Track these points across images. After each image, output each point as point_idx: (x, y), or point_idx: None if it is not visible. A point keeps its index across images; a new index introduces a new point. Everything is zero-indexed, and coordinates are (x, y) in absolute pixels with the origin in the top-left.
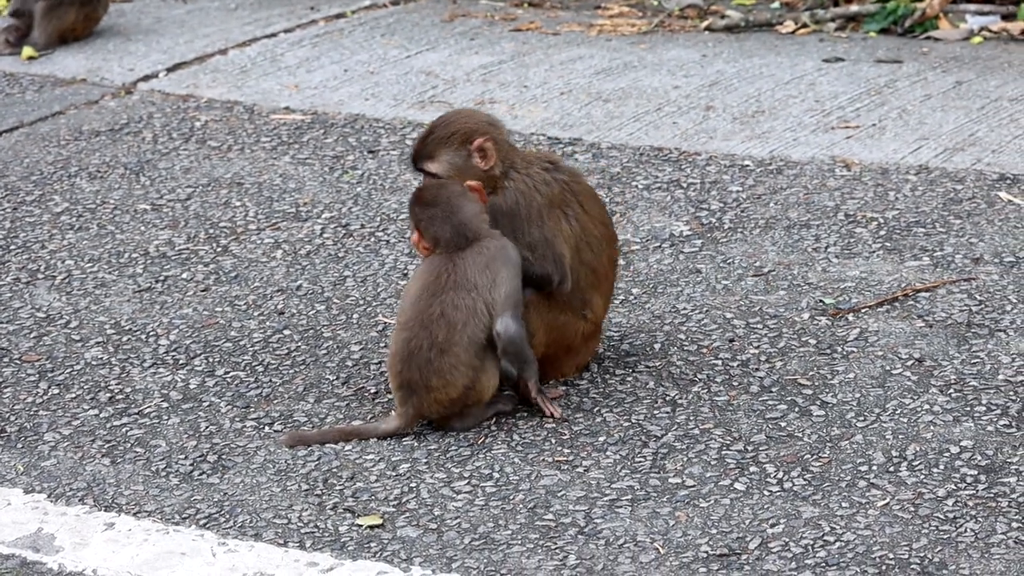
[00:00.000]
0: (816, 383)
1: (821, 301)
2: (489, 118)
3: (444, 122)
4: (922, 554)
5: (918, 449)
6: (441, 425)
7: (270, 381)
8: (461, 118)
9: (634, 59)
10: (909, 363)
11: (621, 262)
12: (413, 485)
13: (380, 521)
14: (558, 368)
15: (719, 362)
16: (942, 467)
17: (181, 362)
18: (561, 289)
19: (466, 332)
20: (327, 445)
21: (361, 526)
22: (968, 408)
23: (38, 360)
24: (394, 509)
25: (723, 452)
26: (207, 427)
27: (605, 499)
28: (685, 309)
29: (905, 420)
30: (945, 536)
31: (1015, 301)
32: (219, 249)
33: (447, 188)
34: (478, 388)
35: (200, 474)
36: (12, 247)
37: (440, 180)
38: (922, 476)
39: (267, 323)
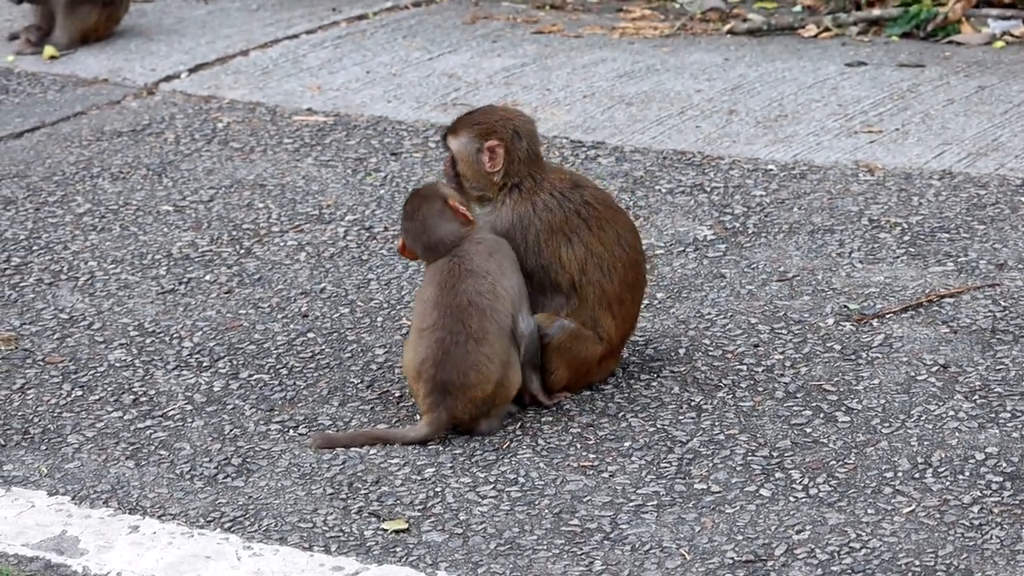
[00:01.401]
0: (841, 389)
1: (845, 306)
2: (519, 127)
3: (483, 110)
4: (948, 561)
5: (943, 456)
6: (468, 428)
7: (294, 384)
8: (496, 113)
9: (656, 62)
10: (934, 369)
11: (646, 266)
12: (438, 490)
13: (405, 525)
14: (570, 389)
15: (744, 367)
16: (967, 474)
17: (205, 364)
18: (567, 310)
19: (496, 318)
20: (352, 449)
21: (386, 530)
22: (993, 414)
23: (61, 362)
24: (419, 513)
25: (748, 458)
26: (231, 430)
27: (631, 504)
28: (710, 314)
29: (930, 426)
30: (971, 543)
31: None
32: (242, 251)
33: (427, 204)
34: (507, 384)
35: (225, 477)
36: (35, 248)
37: (426, 192)
38: (947, 483)
39: (291, 326)
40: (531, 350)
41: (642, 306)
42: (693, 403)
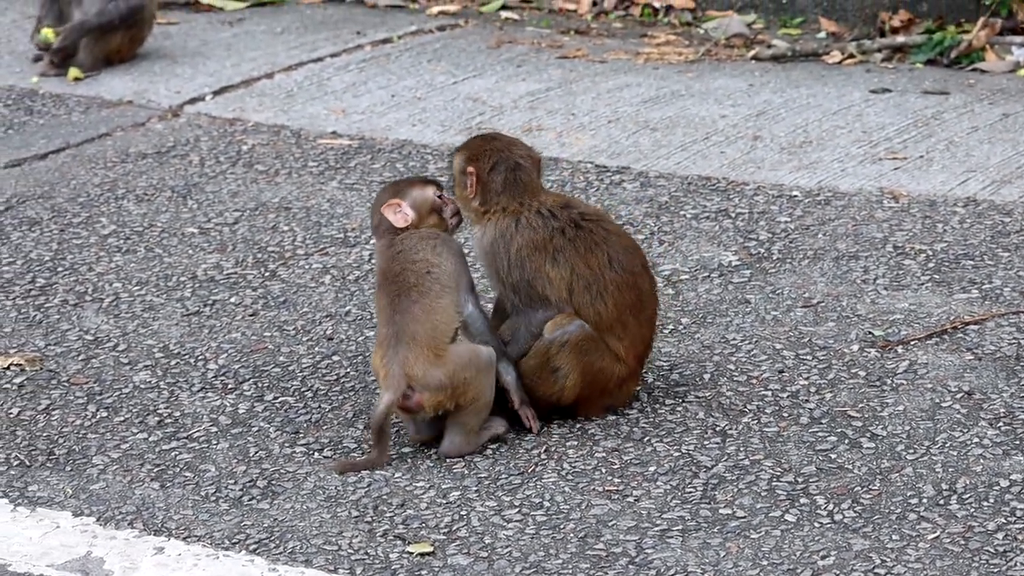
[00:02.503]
0: (866, 415)
1: (870, 333)
2: (503, 159)
3: (485, 136)
4: None
5: (968, 482)
6: (428, 426)
7: (319, 407)
8: (492, 142)
9: (681, 88)
10: (958, 396)
11: (670, 291)
12: (463, 513)
13: (431, 549)
14: (588, 408)
15: (769, 393)
16: (992, 500)
17: (230, 387)
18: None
19: (430, 278)
20: (377, 472)
21: (412, 554)
22: (1018, 441)
23: (86, 383)
24: (444, 537)
25: (773, 483)
26: (256, 452)
27: (656, 529)
28: (735, 339)
29: (955, 453)
30: (995, 570)
31: None
32: (267, 274)
33: (378, 196)
34: (459, 361)
35: (250, 499)
36: (60, 269)
37: (385, 187)
38: (972, 509)
39: (316, 348)
40: (484, 337)
41: (657, 326)
42: (718, 428)
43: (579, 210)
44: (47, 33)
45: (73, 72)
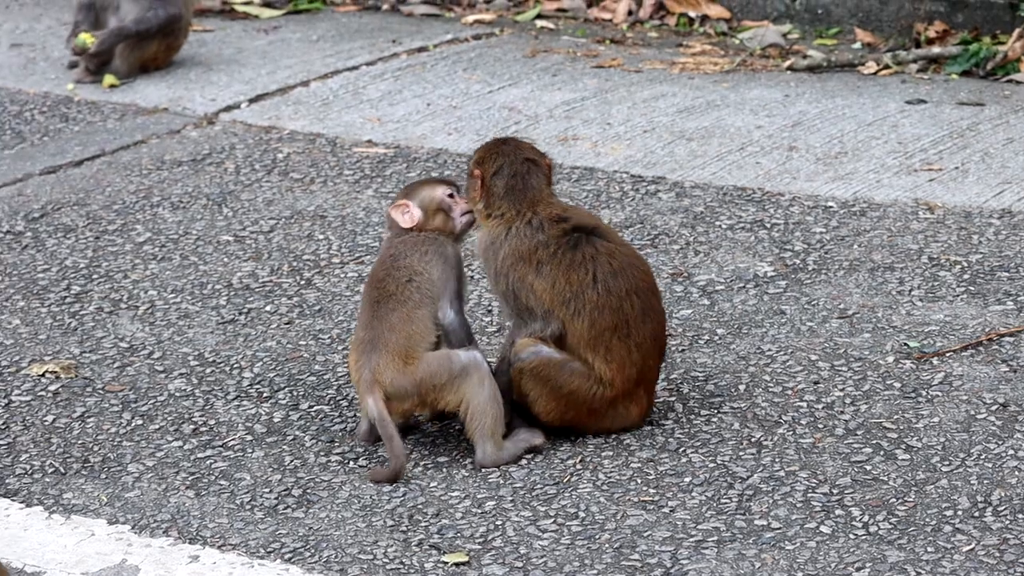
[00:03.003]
0: (901, 427)
1: (905, 344)
2: (509, 164)
3: (499, 140)
4: None
5: (1003, 494)
6: (403, 415)
7: (354, 416)
8: (501, 146)
9: (717, 98)
10: (994, 408)
11: (705, 302)
12: (499, 523)
13: (466, 558)
14: (584, 428)
15: (804, 404)
16: None
17: (265, 395)
18: (547, 334)
19: (411, 287)
20: (413, 481)
21: (447, 563)
22: None
23: (121, 390)
24: (480, 547)
25: (808, 495)
26: (292, 461)
27: (691, 540)
28: (770, 350)
29: (990, 465)
30: None
31: None
32: (302, 282)
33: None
34: (427, 361)
35: (285, 508)
36: (95, 276)
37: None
38: (1007, 521)
39: None
40: (458, 339)
41: (659, 350)
42: (753, 439)
43: (573, 223)
44: (84, 37)
45: (108, 79)
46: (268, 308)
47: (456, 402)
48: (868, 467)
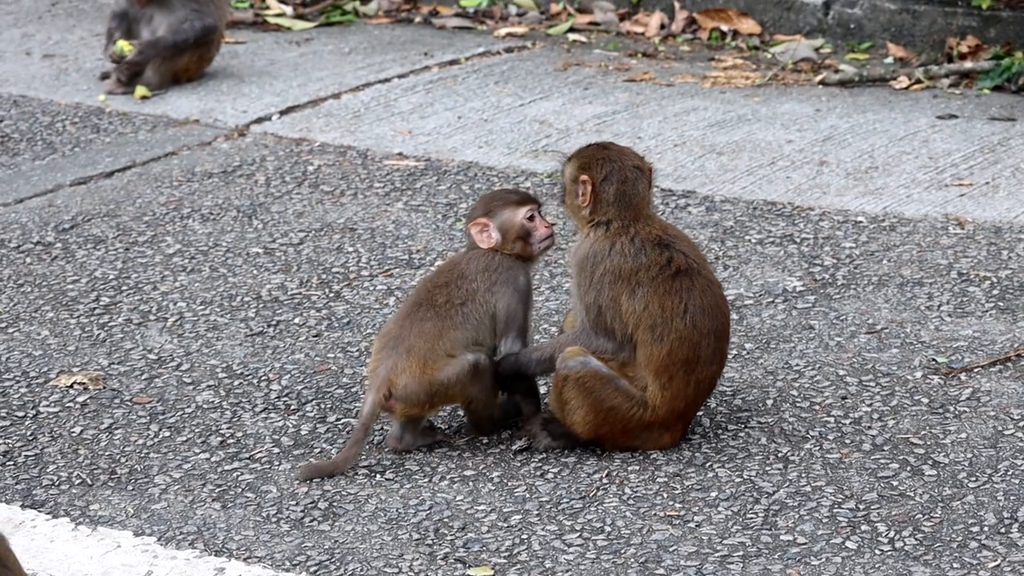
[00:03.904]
0: (928, 442)
1: (934, 360)
2: (618, 170)
3: (600, 145)
4: None
5: None
6: (409, 416)
7: (381, 429)
8: (607, 151)
9: (748, 112)
10: (1021, 424)
11: (734, 316)
12: (524, 537)
13: (491, 572)
14: (610, 445)
15: (831, 419)
16: None
17: (293, 407)
18: (617, 359)
19: (463, 310)
20: (438, 495)
21: None
22: None
23: (149, 402)
24: (505, 560)
25: (835, 510)
26: None
27: (716, 555)
28: (798, 365)
29: (1017, 481)
30: None
31: None
32: (331, 295)
33: (473, 208)
34: (447, 384)
35: (311, 521)
36: (124, 288)
37: (481, 198)
38: None
39: None
40: (507, 370)
41: (705, 392)
42: (780, 454)
43: (676, 253)
44: (123, 45)
45: (140, 90)
46: (297, 320)
47: (463, 400)
48: (895, 483)
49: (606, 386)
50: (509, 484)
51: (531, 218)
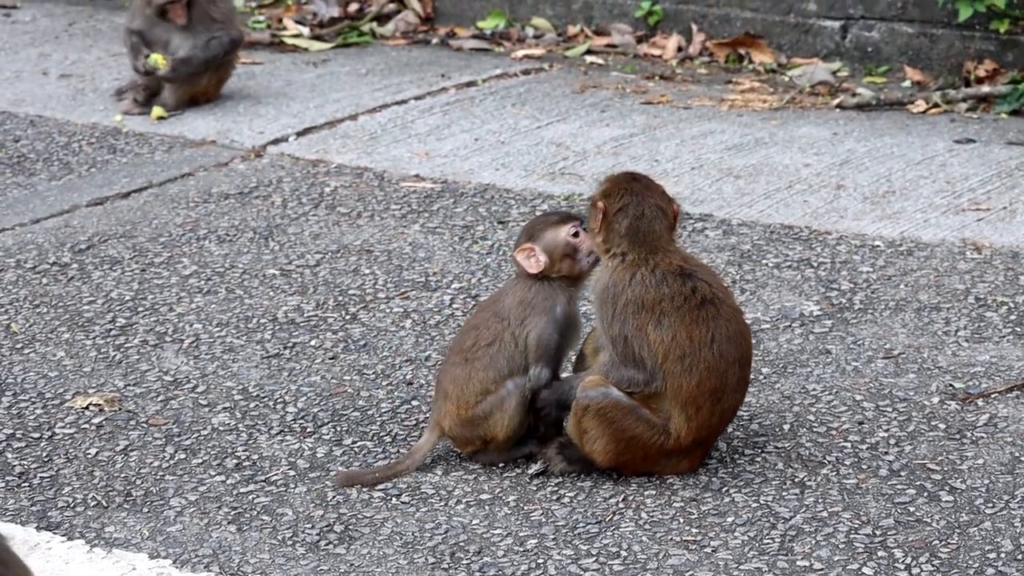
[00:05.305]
0: (945, 468)
1: (951, 385)
2: (634, 203)
3: (628, 175)
4: None
5: None
6: (469, 455)
7: (398, 452)
8: (630, 183)
9: (765, 135)
10: None
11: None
12: (540, 561)
13: None
14: (632, 470)
15: (848, 445)
16: None
17: (309, 430)
18: (647, 390)
19: (489, 351)
20: (455, 519)
21: None
22: None
23: (165, 424)
24: None
25: (851, 536)
26: (334, 496)
27: None
28: (815, 390)
29: None
30: None
31: None
32: (348, 317)
33: (519, 236)
34: (491, 422)
35: (327, 544)
36: (140, 309)
37: (525, 226)
38: None
39: (395, 393)
40: (543, 402)
41: (727, 419)
42: (797, 479)
43: (699, 283)
44: (157, 58)
45: (157, 111)
46: (313, 343)
47: (500, 422)
48: (911, 508)
49: (627, 416)
50: (525, 508)
51: (575, 235)
